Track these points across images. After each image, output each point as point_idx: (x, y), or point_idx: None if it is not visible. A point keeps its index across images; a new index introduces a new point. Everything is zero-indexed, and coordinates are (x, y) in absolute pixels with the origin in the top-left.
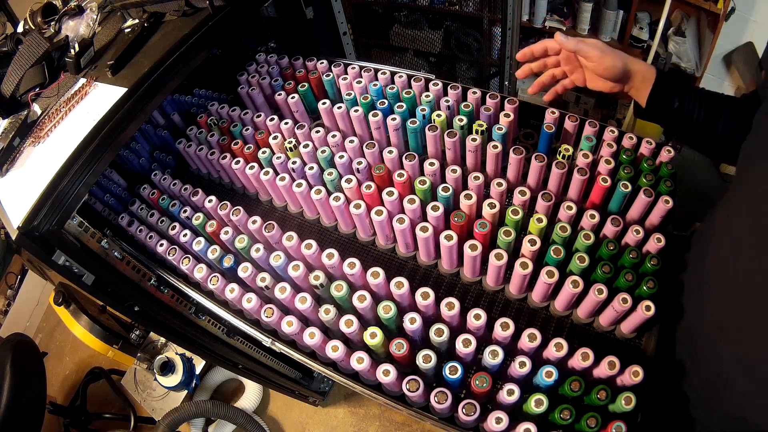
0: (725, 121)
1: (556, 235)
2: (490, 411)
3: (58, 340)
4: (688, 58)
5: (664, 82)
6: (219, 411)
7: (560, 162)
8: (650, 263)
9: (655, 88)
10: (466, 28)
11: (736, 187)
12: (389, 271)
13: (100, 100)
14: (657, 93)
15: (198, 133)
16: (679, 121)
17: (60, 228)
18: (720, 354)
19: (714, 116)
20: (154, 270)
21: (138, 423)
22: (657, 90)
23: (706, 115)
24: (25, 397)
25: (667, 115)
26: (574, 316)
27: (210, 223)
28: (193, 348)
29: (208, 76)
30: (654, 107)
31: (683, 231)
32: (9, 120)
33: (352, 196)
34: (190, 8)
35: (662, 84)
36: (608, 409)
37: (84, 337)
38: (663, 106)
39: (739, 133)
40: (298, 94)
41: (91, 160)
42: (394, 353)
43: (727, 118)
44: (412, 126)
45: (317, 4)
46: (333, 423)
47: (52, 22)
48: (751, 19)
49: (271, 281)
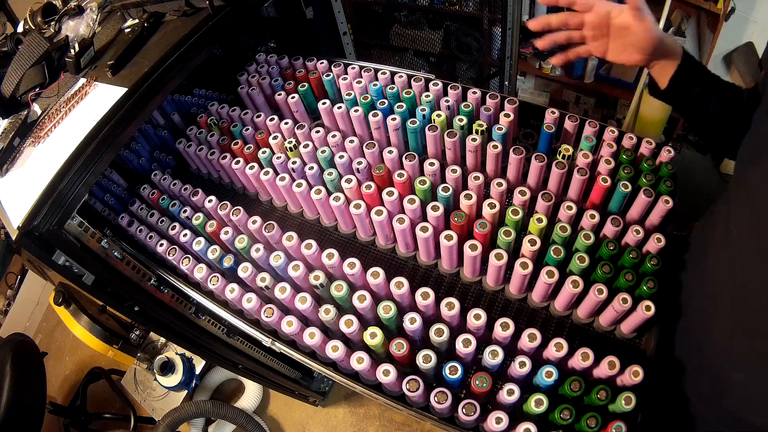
0: (735, 121)
1: (556, 235)
2: (490, 411)
3: (58, 340)
4: None
5: (689, 66)
6: (219, 411)
7: (560, 162)
8: (650, 263)
9: (680, 71)
10: (466, 28)
11: (736, 185)
12: (389, 271)
13: (100, 100)
14: (680, 76)
15: (198, 133)
16: (694, 108)
17: (60, 228)
18: (720, 353)
19: (727, 112)
20: (154, 270)
21: (138, 423)
22: (681, 73)
23: (720, 109)
24: (25, 397)
25: (684, 100)
26: (574, 316)
27: (210, 223)
28: (193, 348)
29: (208, 76)
30: (674, 90)
31: (683, 231)
32: (9, 120)
33: (352, 196)
34: (190, 8)
35: (687, 68)
36: (608, 409)
37: (84, 337)
38: (683, 91)
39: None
40: (298, 94)
41: (91, 160)
42: (394, 353)
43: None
44: (412, 126)
45: (317, 4)
46: (333, 423)
47: (52, 22)
48: (751, 19)
49: (271, 281)
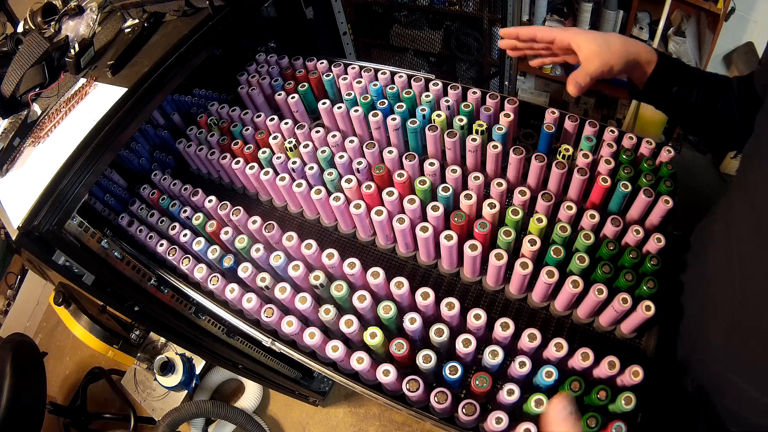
0: (722, 104)
1: (556, 235)
2: (490, 411)
3: (58, 340)
4: (688, 58)
5: (664, 68)
6: (219, 411)
7: (560, 162)
8: (650, 263)
9: (655, 74)
10: (466, 28)
11: (738, 187)
12: (389, 271)
13: (100, 100)
14: (656, 78)
15: (198, 133)
16: (676, 105)
17: (60, 228)
18: (720, 353)
19: (712, 99)
20: (154, 270)
21: (138, 423)
22: (656, 76)
23: (704, 98)
24: (25, 397)
25: (664, 99)
26: (574, 316)
27: (210, 223)
28: (193, 348)
29: (208, 76)
30: (652, 91)
31: (683, 231)
32: (9, 120)
33: (352, 196)
34: (190, 8)
35: (662, 70)
36: (608, 409)
37: (84, 337)
38: (661, 91)
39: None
40: (298, 94)
41: (91, 160)
42: (394, 353)
43: (725, 101)
44: (412, 126)
45: (317, 4)
46: (333, 423)
47: (52, 22)
48: (751, 19)
49: (271, 281)
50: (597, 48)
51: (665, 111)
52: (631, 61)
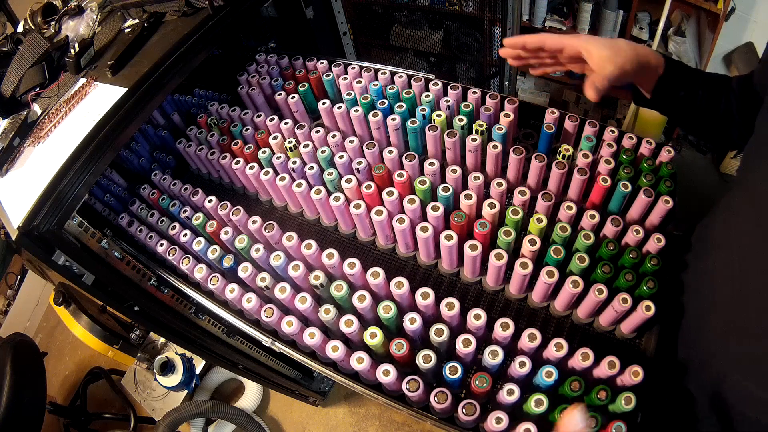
0: (724, 104)
1: (556, 235)
2: (490, 411)
3: (58, 340)
4: (688, 58)
5: (672, 71)
6: (219, 411)
7: (560, 162)
8: (650, 263)
9: (664, 77)
10: (466, 28)
11: (738, 187)
12: (389, 271)
13: (100, 100)
14: (665, 81)
15: (198, 133)
16: (682, 107)
17: (60, 228)
18: (720, 353)
19: (715, 100)
20: (154, 270)
21: (138, 423)
22: (665, 78)
23: (707, 99)
24: (25, 397)
25: (671, 103)
26: (574, 316)
27: (210, 223)
28: (193, 348)
29: (208, 76)
30: (660, 95)
31: (683, 231)
32: (9, 120)
33: (352, 196)
34: (190, 8)
35: (671, 73)
36: (608, 409)
37: (84, 337)
38: (670, 94)
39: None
40: (298, 94)
41: (91, 160)
42: (394, 353)
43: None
44: (412, 126)
45: (317, 4)
46: (333, 423)
47: (52, 22)
48: (751, 19)
49: (271, 281)
50: (609, 53)
51: (669, 114)
52: (643, 64)
